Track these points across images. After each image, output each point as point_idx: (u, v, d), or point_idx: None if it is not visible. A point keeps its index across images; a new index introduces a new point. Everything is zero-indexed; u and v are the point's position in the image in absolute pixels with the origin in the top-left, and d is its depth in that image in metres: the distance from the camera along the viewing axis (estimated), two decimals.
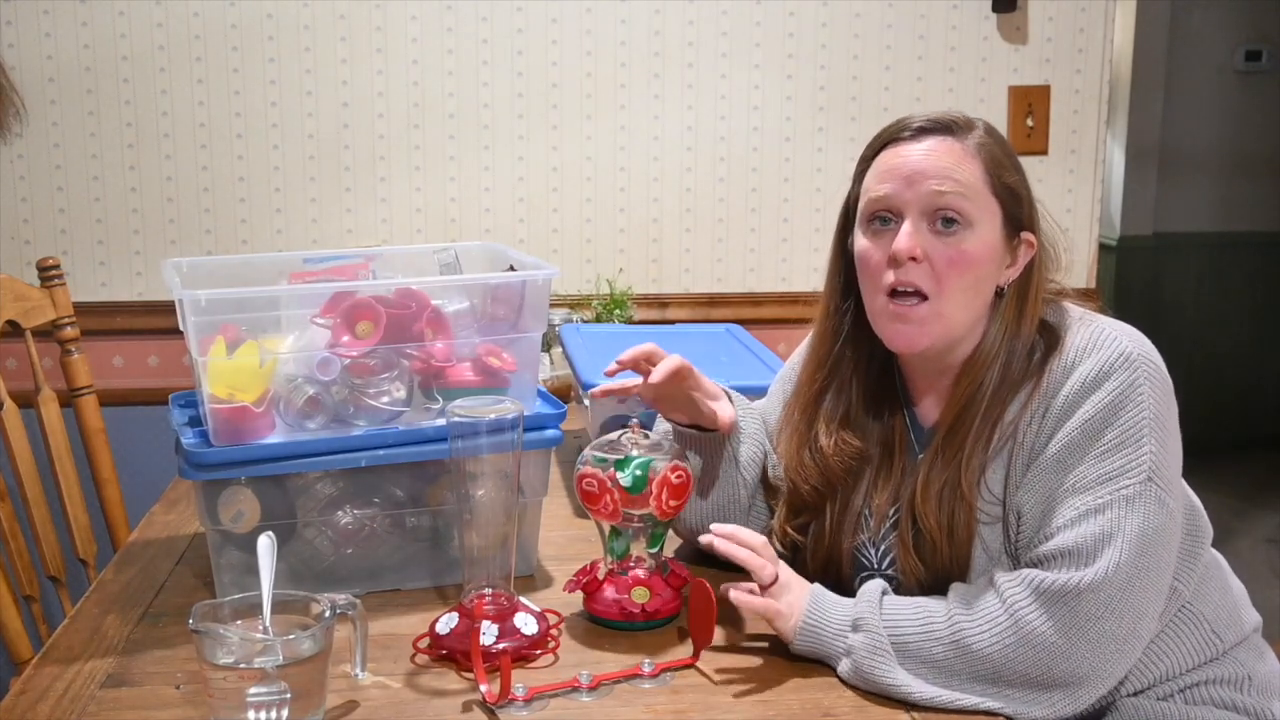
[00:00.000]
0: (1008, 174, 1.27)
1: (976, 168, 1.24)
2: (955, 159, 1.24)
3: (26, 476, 1.84)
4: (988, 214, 1.25)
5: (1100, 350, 1.21)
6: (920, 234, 1.23)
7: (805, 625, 1.23)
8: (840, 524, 1.36)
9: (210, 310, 1.33)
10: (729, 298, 2.58)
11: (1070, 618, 1.14)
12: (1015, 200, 1.27)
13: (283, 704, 1.06)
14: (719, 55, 2.50)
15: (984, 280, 1.26)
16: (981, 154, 1.25)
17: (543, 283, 1.46)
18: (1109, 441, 1.18)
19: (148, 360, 2.51)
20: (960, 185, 1.23)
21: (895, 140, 1.27)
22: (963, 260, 1.23)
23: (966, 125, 1.27)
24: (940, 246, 1.23)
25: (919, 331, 1.25)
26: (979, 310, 1.27)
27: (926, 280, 1.24)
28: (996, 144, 1.28)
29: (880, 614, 1.20)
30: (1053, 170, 2.60)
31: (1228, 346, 4.85)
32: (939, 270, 1.23)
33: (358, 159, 2.48)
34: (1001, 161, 1.26)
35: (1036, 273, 1.28)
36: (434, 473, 1.43)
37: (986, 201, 1.25)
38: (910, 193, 1.24)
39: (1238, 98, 4.68)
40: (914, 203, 1.24)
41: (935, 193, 1.23)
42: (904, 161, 1.25)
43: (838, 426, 1.35)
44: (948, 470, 1.25)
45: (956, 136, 1.25)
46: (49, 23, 2.39)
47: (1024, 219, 1.28)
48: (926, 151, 1.24)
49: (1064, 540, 1.17)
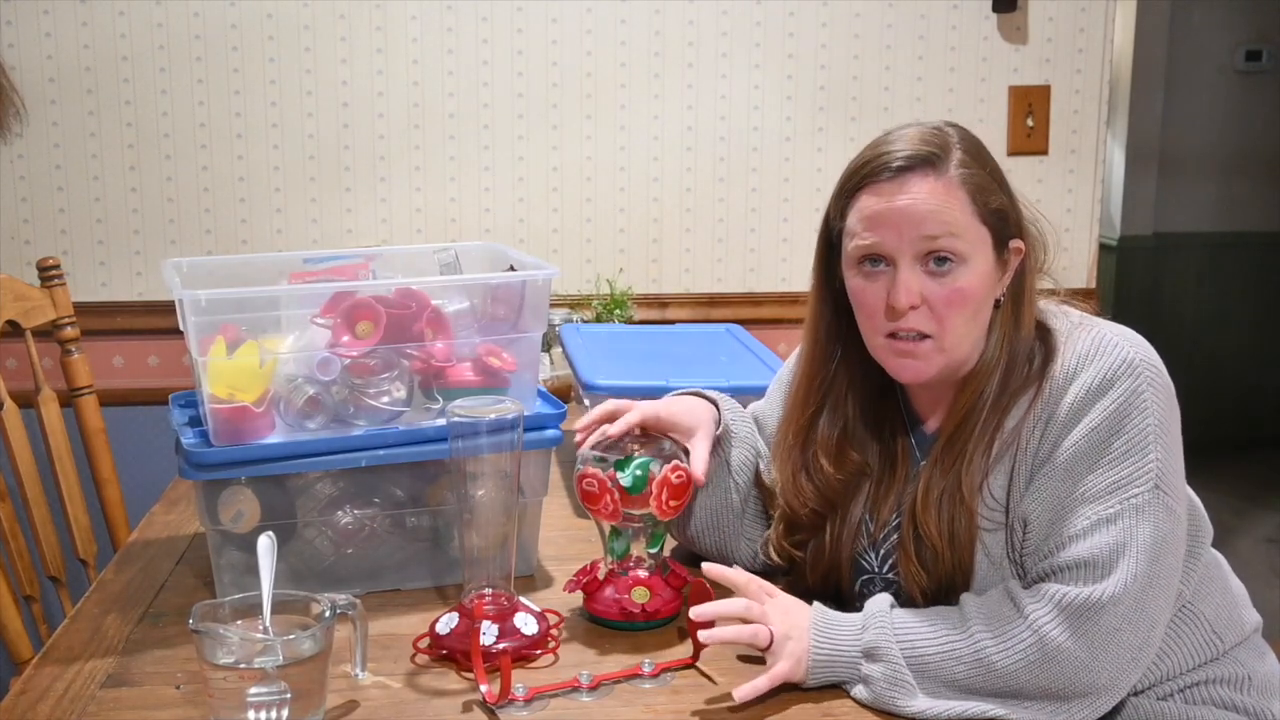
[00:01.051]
0: (993, 197, 1.24)
1: (962, 201, 1.21)
2: (940, 199, 1.20)
3: (26, 476, 1.84)
4: (979, 244, 1.23)
5: (1102, 357, 1.20)
6: (915, 276, 1.21)
7: (816, 662, 1.19)
8: (840, 536, 1.34)
9: (210, 310, 1.33)
10: (729, 298, 2.59)
11: (1094, 632, 1.13)
12: (1002, 219, 1.25)
13: (283, 704, 1.06)
14: (719, 55, 2.50)
15: (983, 307, 1.25)
16: (966, 185, 1.22)
17: (543, 283, 1.46)
18: (1116, 450, 1.17)
19: (148, 360, 2.51)
20: (949, 225, 1.20)
21: (875, 180, 1.22)
22: (960, 298, 1.22)
23: (944, 150, 1.22)
24: (936, 287, 1.21)
25: (925, 365, 1.24)
26: (981, 331, 1.26)
27: (927, 323, 1.22)
28: (977, 164, 1.23)
29: (895, 638, 1.17)
30: (1053, 170, 2.60)
31: (1228, 346, 4.85)
32: (938, 311, 1.22)
33: (358, 159, 2.48)
34: (985, 185, 1.23)
35: (1029, 274, 1.27)
36: (434, 473, 1.43)
37: (976, 232, 1.22)
38: (900, 241, 1.21)
39: (1238, 98, 4.68)
40: (905, 250, 1.21)
41: (925, 238, 1.20)
42: (889, 208, 1.21)
43: (835, 447, 1.34)
44: (948, 477, 1.25)
45: (938, 170, 1.21)
46: (49, 23, 2.39)
47: (1012, 231, 1.26)
48: (911, 197, 1.20)
49: (1078, 551, 1.16)
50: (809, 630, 1.20)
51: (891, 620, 1.19)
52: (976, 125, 2.55)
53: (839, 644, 1.19)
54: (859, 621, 1.20)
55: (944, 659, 1.16)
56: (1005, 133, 2.57)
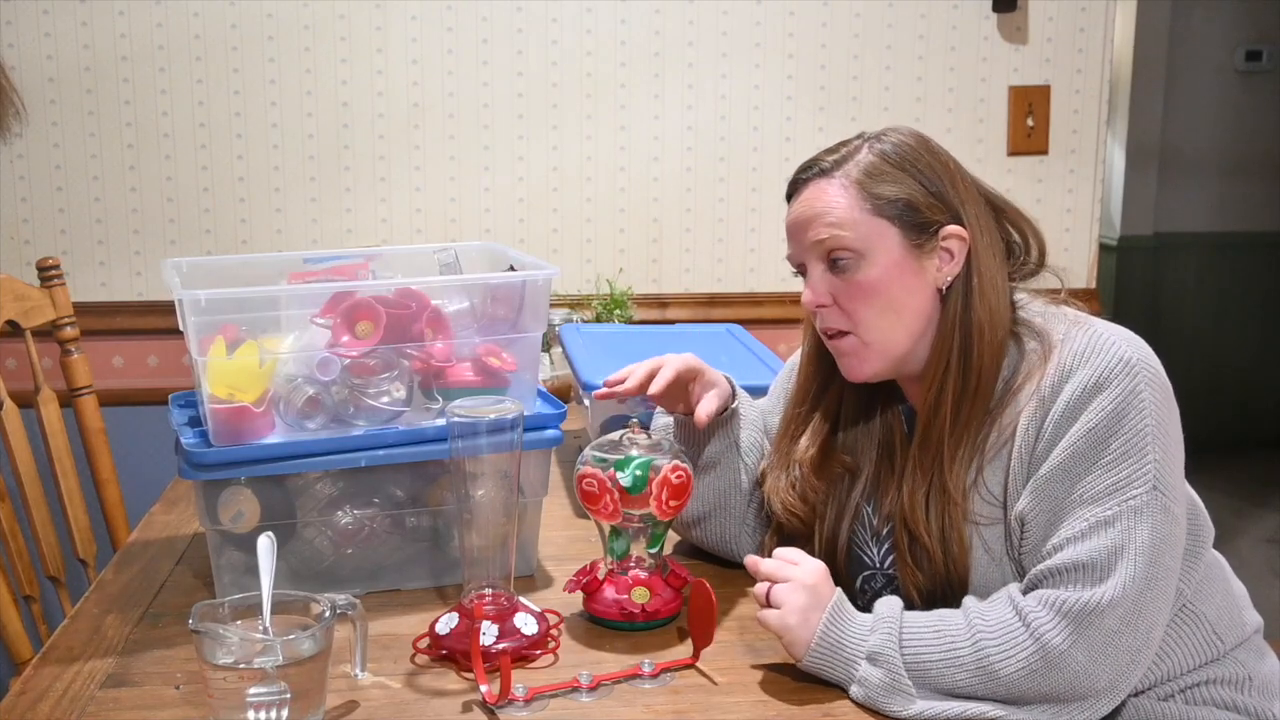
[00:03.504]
0: (888, 187, 1.25)
1: (847, 199, 1.26)
2: (825, 202, 1.26)
3: (26, 477, 1.84)
4: (876, 237, 1.25)
5: (1098, 355, 1.20)
6: (824, 279, 1.28)
7: (818, 646, 1.18)
8: (837, 524, 1.36)
9: (210, 310, 1.33)
10: (729, 298, 2.59)
11: (1094, 636, 1.13)
12: (910, 209, 1.25)
13: (283, 704, 1.06)
14: (719, 55, 2.50)
15: (900, 298, 1.26)
16: (856, 183, 1.26)
17: (543, 283, 1.46)
18: (1114, 451, 1.17)
19: (148, 360, 2.51)
20: (834, 225, 1.25)
21: (790, 196, 1.32)
22: (862, 292, 1.26)
23: (845, 156, 1.28)
24: (841, 285, 1.27)
25: (859, 362, 1.29)
26: (912, 323, 1.27)
27: (840, 320, 1.28)
28: (883, 158, 1.26)
29: (900, 644, 1.17)
30: (1053, 170, 2.60)
31: (1228, 346, 4.85)
32: (846, 307, 1.27)
33: (358, 159, 2.48)
34: (879, 177, 1.25)
35: (976, 260, 1.26)
36: (434, 473, 1.43)
37: (870, 226, 1.25)
38: (800, 247, 1.30)
39: (1238, 98, 4.68)
40: (808, 254, 1.29)
41: (816, 242, 1.27)
42: (791, 220, 1.30)
43: (820, 447, 1.37)
44: (928, 475, 1.25)
45: (828, 175, 1.27)
46: (49, 23, 2.39)
47: (936, 219, 1.26)
48: (801, 204, 1.29)
49: (1076, 553, 1.16)
50: (825, 611, 1.19)
51: (900, 626, 1.18)
52: (976, 125, 2.57)
53: (845, 638, 1.19)
54: (869, 623, 1.20)
55: (946, 665, 1.16)
56: (1005, 133, 2.57)
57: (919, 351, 1.28)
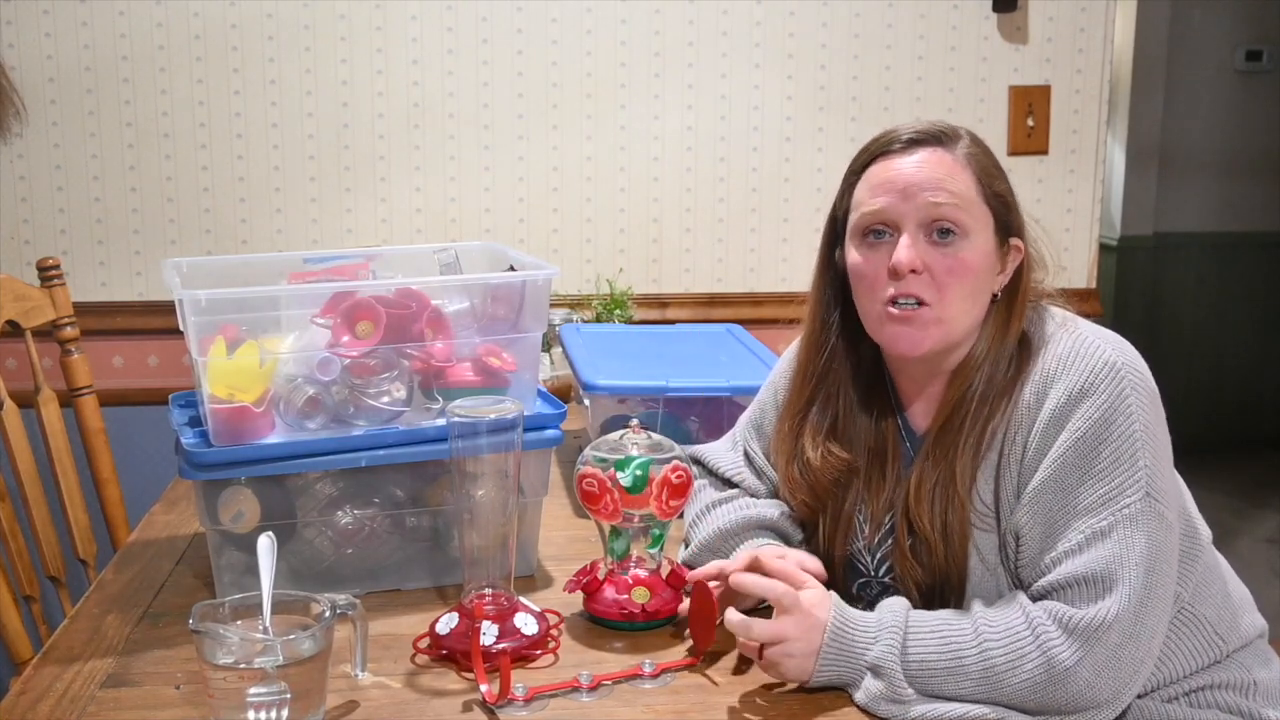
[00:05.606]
0: (997, 182, 1.28)
1: (968, 177, 1.26)
2: (948, 170, 1.25)
3: (26, 476, 1.84)
4: (981, 223, 1.26)
5: (1082, 360, 1.20)
6: (919, 245, 1.24)
7: (824, 663, 1.18)
8: (834, 534, 1.35)
9: (210, 310, 1.33)
10: (729, 298, 2.58)
11: (1100, 652, 1.13)
12: (1005, 207, 1.28)
13: (283, 704, 1.06)
14: (719, 55, 2.50)
15: (981, 287, 1.27)
16: (972, 164, 1.27)
17: (543, 283, 1.46)
18: (1105, 459, 1.17)
19: (148, 360, 2.51)
20: (955, 196, 1.24)
21: (885, 153, 1.27)
22: (961, 269, 1.24)
23: (953, 135, 1.28)
24: (938, 257, 1.24)
25: (922, 335, 1.25)
26: (977, 317, 1.28)
27: (928, 290, 1.24)
28: (983, 153, 1.29)
29: (902, 654, 1.16)
30: (1053, 170, 2.60)
31: (1228, 346, 4.85)
32: (939, 280, 1.24)
33: (358, 159, 2.48)
34: (990, 170, 1.28)
35: (1024, 278, 1.29)
36: (434, 473, 1.43)
37: (980, 210, 1.26)
38: (906, 205, 1.24)
39: (1238, 98, 4.68)
40: (910, 215, 1.24)
41: (931, 204, 1.23)
42: (898, 174, 1.25)
43: (824, 439, 1.35)
44: (939, 471, 1.25)
45: (946, 147, 1.26)
46: (49, 23, 2.39)
47: (1013, 225, 1.29)
48: (919, 164, 1.25)
49: (1074, 567, 1.16)
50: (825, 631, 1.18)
51: (904, 632, 1.17)
52: (976, 125, 2.55)
53: (848, 651, 1.18)
54: (872, 631, 1.18)
55: (951, 673, 1.15)
56: (1005, 133, 2.57)
57: (959, 350, 1.28)
